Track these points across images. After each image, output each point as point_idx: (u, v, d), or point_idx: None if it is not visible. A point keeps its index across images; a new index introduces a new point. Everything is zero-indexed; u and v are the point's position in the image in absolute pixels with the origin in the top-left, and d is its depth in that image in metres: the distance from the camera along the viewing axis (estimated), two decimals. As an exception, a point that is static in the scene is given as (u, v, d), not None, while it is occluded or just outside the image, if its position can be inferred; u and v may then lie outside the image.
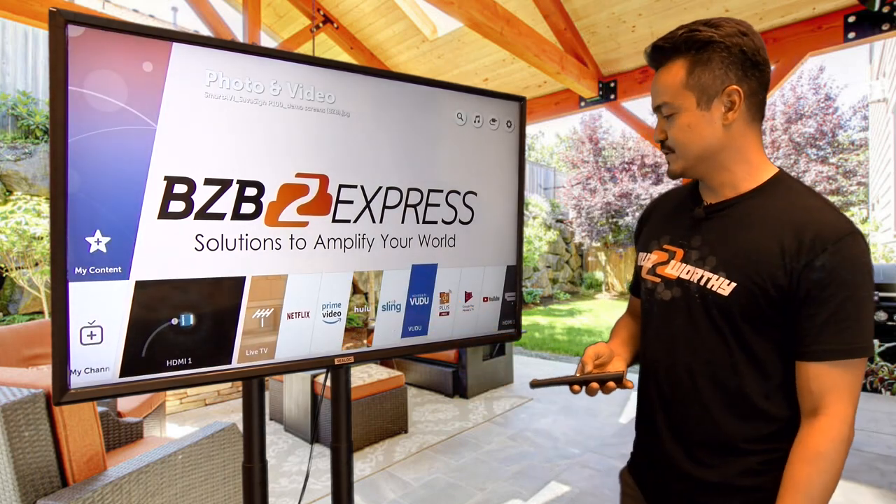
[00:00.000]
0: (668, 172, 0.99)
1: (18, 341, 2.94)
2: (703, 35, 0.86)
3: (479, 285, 1.42)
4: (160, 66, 0.96)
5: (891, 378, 4.41)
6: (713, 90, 0.88)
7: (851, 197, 12.48)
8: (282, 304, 1.12)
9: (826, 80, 12.66)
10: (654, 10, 3.73)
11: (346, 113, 1.17)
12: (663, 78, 0.92)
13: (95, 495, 1.47)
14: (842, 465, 0.82)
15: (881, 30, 3.14)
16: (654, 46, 0.92)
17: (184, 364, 1.02)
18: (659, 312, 1.01)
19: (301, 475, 2.97)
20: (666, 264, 1.00)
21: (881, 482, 2.77)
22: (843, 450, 0.81)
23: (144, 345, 0.98)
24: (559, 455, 3.27)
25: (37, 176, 5.65)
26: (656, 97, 0.94)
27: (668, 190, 1.17)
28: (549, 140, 36.42)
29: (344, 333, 1.22)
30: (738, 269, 0.87)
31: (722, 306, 0.88)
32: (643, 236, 1.13)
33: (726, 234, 0.92)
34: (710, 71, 0.87)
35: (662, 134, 0.95)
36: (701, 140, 0.90)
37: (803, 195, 0.89)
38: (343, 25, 5.12)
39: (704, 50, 0.87)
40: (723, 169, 0.93)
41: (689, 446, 0.95)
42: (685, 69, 0.89)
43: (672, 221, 1.05)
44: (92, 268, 0.92)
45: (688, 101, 0.89)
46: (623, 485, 1.15)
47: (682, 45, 0.89)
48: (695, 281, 0.93)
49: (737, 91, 0.87)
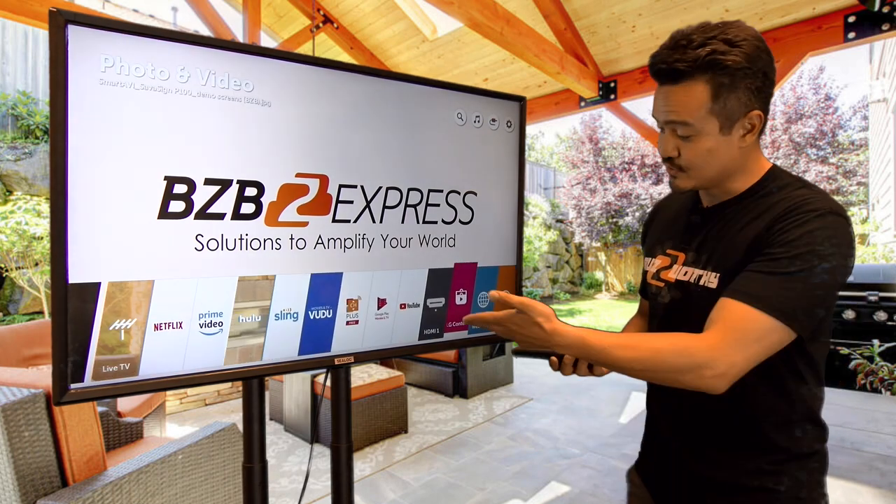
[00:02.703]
0: (674, 186, 0.95)
1: (18, 341, 2.94)
2: (730, 60, 0.81)
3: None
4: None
5: (891, 378, 4.41)
6: (737, 115, 0.85)
7: (851, 197, 12.48)
8: (269, 304, 1.12)
9: (826, 80, 12.66)
10: (654, 9, 3.73)
11: (346, 113, 1.17)
12: (681, 98, 0.85)
13: (95, 495, 1.47)
14: (675, 373, 0.77)
15: (881, 30, 3.14)
16: (672, 68, 0.84)
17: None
18: (662, 315, 1.03)
19: (301, 475, 2.97)
20: (669, 269, 1.01)
21: (881, 482, 2.77)
22: (698, 361, 0.76)
23: (143, 345, 0.98)
24: (559, 455, 3.27)
25: (37, 176, 5.65)
26: (670, 115, 0.87)
27: (668, 195, 1.18)
28: (549, 140, 36.43)
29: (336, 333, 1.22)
30: (723, 261, 0.89)
31: (714, 299, 0.88)
32: (648, 241, 1.15)
33: (720, 233, 0.93)
34: (736, 97, 0.83)
35: (675, 151, 0.90)
36: (719, 164, 0.89)
37: (794, 187, 0.88)
38: (343, 25, 5.12)
39: (731, 75, 0.82)
40: (727, 181, 0.93)
41: (697, 445, 0.95)
42: (709, 93, 0.83)
43: (673, 226, 1.06)
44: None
45: (710, 126, 0.85)
46: (630, 484, 1.16)
47: (705, 66, 0.82)
48: (692, 281, 0.95)
49: (759, 116, 0.86)
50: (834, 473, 2.88)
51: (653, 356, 0.79)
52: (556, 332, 0.82)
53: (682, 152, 0.89)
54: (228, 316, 1.07)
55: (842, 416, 3.80)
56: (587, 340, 0.81)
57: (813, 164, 12.25)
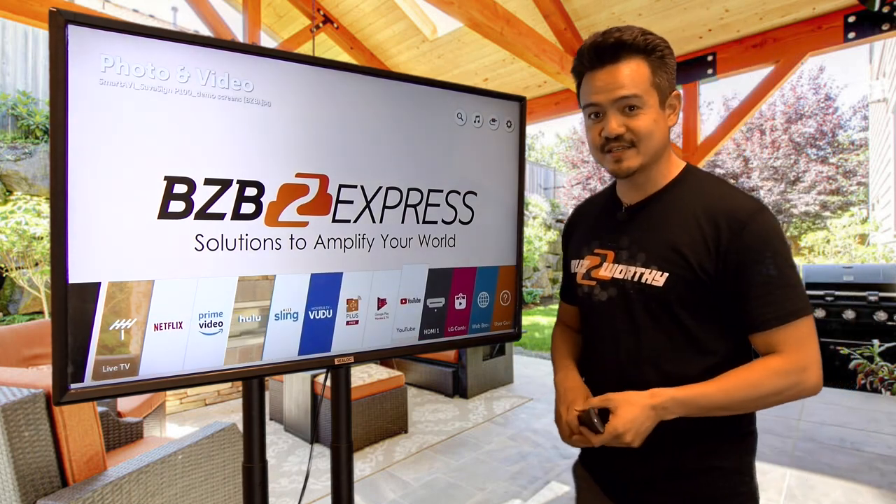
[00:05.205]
0: (620, 170, 0.95)
1: (18, 341, 2.94)
2: (656, 41, 0.92)
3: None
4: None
5: (891, 378, 4.41)
6: (666, 92, 0.94)
7: (851, 197, 12.49)
8: (269, 304, 1.12)
9: (826, 80, 12.68)
10: (654, 10, 3.73)
11: (346, 113, 1.17)
12: (627, 73, 0.90)
13: (95, 495, 1.47)
14: (778, 395, 0.85)
15: (881, 30, 3.14)
16: (618, 40, 0.90)
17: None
18: (598, 313, 1.04)
19: (301, 475, 2.97)
20: (599, 267, 1.04)
21: (881, 482, 2.77)
22: (794, 380, 0.85)
23: (143, 345, 0.98)
24: (559, 455, 3.27)
25: (37, 176, 5.65)
26: (620, 90, 0.90)
27: (586, 199, 1.23)
28: (549, 140, 36.44)
29: (336, 333, 1.22)
30: (667, 261, 0.92)
31: (659, 297, 0.93)
32: (572, 245, 1.17)
33: (650, 229, 0.97)
34: (666, 74, 0.93)
35: (622, 128, 0.92)
36: (662, 137, 0.95)
37: (712, 183, 0.97)
38: (343, 25, 5.12)
39: (660, 56, 0.92)
40: (658, 165, 0.98)
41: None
42: (649, 69, 0.91)
43: (598, 227, 1.10)
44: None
45: (653, 99, 0.92)
46: (577, 479, 1.17)
47: (641, 45, 0.90)
48: (629, 278, 0.97)
49: (678, 96, 0.97)
50: (834, 473, 2.89)
51: (756, 390, 0.85)
52: (659, 403, 0.86)
53: (631, 126, 0.92)
54: (228, 316, 1.07)
55: (842, 416, 3.80)
56: (690, 397, 0.86)
57: (813, 164, 12.26)
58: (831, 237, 10.29)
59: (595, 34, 0.94)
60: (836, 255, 9.69)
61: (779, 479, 2.83)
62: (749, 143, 13.46)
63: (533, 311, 11.28)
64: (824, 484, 2.76)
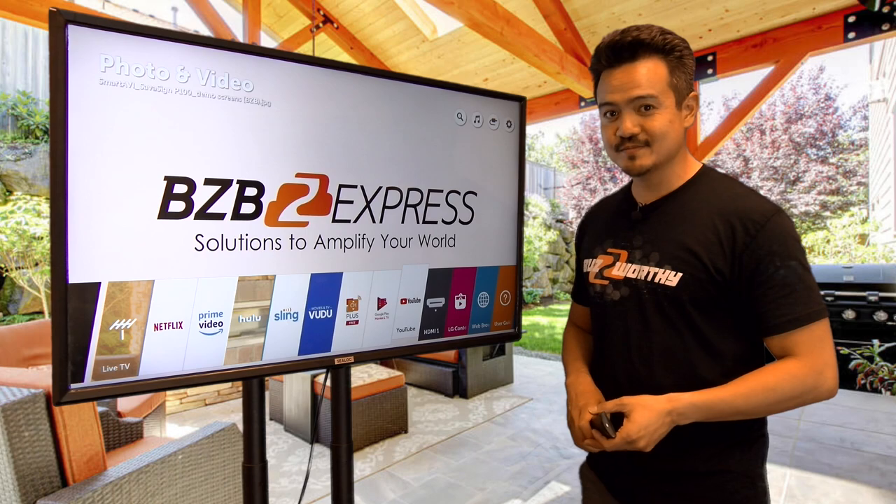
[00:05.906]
0: (633, 167, 0.95)
1: (18, 341, 2.94)
2: (675, 41, 0.92)
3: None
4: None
5: (891, 378, 4.41)
6: (684, 93, 0.94)
7: (851, 197, 12.48)
8: (269, 304, 1.12)
9: (826, 80, 12.68)
10: (654, 10, 3.73)
11: (346, 113, 1.17)
12: (646, 72, 0.90)
13: (95, 495, 1.47)
14: (795, 399, 0.85)
15: (881, 30, 3.14)
16: (636, 39, 0.90)
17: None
18: (611, 312, 1.04)
19: (301, 475, 2.97)
20: (612, 266, 1.04)
21: (881, 482, 2.77)
22: (811, 384, 0.84)
23: (143, 345, 0.98)
24: (559, 455, 3.27)
25: (37, 176, 5.65)
26: (636, 90, 0.90)
27: (601, 199, 1.23)
28: (549, 140, 36.44)
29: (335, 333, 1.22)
30: (681, 261, 0.92)
31: (671, 297, 0.92)
32: (585, 244, 1.17)
33: (664, 229, 0.96)
34: (684, 75, 0.93)
35: (637, 128, 0.92)
36: (677, 138, 0.95)
37: (728, 184, 0.96)
38: (343, 25, 5.11)
39: (678, 56, 0.92)
40: (672, 165, 0.98)
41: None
42: (666, 69, 0.91)
43: (612, 226, 1.09)
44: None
45: (670, 100, 0.92)
46: (584, 480, 1.16)
47: (660, 44, 0.90)
48: (642, 278, 0.97)
49: (695, 98, 0.96)
50: (834, 473, 2.88)
51: (774, 394, 0.85)
52: (676, 409, 0.85)
53: (646, 126, 0.92)
54: (228, 316, 1.07)
55: (842, 416, 3.80)
56: (708, 402, 0.85)
57: (813, 163, 12.26)
58: (831, 237, 10.29)
59: (614, 32, 0.93)
60: (836, 255, 9.69)
61: (779, 479, 2.83)
62: (749, 143, 13.47)
63: (533, 311, 11.28)
64: (824, 484, 2.76)
